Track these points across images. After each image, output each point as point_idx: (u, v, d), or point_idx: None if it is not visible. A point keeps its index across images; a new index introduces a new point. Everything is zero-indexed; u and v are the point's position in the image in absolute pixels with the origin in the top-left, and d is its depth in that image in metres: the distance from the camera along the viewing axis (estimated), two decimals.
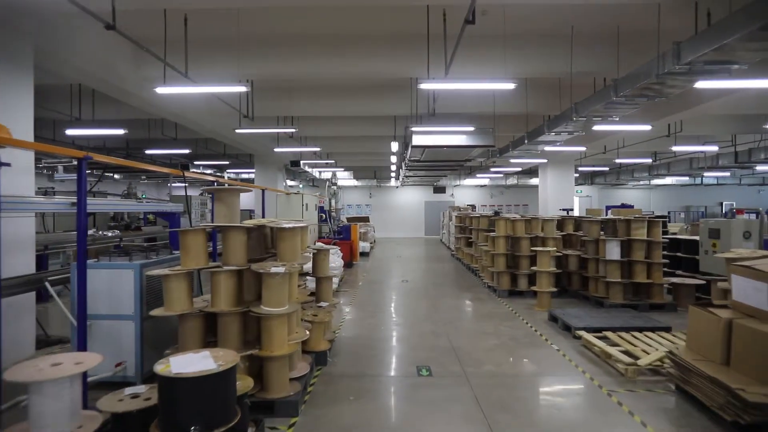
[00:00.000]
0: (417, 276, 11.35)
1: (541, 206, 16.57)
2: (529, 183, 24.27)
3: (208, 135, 12.01)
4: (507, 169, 19.14)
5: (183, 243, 3.73)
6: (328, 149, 15.43)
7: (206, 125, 10.17)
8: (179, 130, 12.26)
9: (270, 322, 3.64)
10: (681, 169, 16.89)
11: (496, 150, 11.65)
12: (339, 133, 12.72)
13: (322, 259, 5.64)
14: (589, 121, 6.96)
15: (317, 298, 5.57)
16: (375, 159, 19.03)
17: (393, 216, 26.94)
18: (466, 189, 27.40)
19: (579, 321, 5.96)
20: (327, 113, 10.07)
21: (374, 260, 14.88)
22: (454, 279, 10.93)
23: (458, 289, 9.50)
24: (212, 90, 6.00)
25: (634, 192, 27.72)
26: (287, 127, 9.37)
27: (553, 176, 15.57)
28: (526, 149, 10.27)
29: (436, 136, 9.12)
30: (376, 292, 9.20)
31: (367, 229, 19.71)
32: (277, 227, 4.04)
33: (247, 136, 12.44)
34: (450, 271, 12.39)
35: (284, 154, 15.14)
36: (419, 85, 5.87)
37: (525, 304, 7.86)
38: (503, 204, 27.78)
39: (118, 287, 4.02)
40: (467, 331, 6.21)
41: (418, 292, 9.19)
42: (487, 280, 9.50)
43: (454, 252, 15.24)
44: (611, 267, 7.37)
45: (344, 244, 12.77)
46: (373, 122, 12.12)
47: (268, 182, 15.57)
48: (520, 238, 8.57)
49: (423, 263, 14.04)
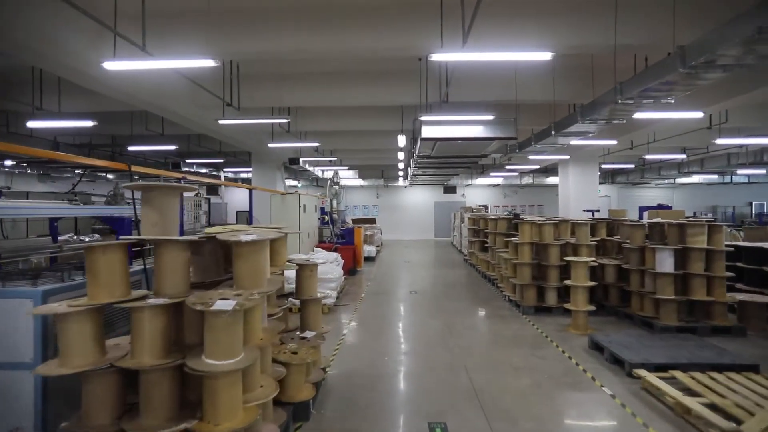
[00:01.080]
0: (427, 285, 10.15)
1: (562, 207, 15.26)
2: (545, 182, 22.91)
3: (197, 130, 10.94)
4: (523, 167, 17.85)
5: (90, 265, 2.59)
6: (331, 146, 14.29)
7: (188, 116, 9.08)
8: (166, 125, 11.21)
9: (214, 382, 2.48)
10: (716, 166, 15.47)
11: (515, 145, 10.41)
12: (341, 127, 11.56)
13: (307, 277, 4.47)
14: (637, 104, 5.70)
15: (301, 326, 4.41)
16: (382, 157, 17.84)
17: (401, 217, 25.73)
18: (478, 189, 26.10)
19: (632, 353, 4.72)
20: (326, 103, 8.92)
21: (380, 266, 13.71)
22: (469, 290, 9.70)
23: (475, 303, 8.28)
24: (172, 65, 4.85)
25: (656, 191, 26.19)
26: (277, 117, 8.21)
27: (576, 174, 14.25)
28: (551, 142, 9.01)
29: (448, 128, 7.92)
30: (381, 307, 8.02)
31: (373, 231, 18.54)
32: (232, 241, 2.88)
33: (238, 130, 11.34)
34: (463, 279, 11.17)
35: (283, 152, 14.03)
36: (431, 56, 4.69)
37: (555, 324, 6.63)
38: (516, 204, 26.43)
39: (11, 324, 2.89)
40: (491, 364, 5.01)
41: (428, 307, 7.99)
42: (508, 292, 8.27)
43: (467, 257, 14.02)
44: (662, 281, 6.10)
45: (346, 249, 11.62)
46: (378, 114, 10.94)
47: (266, 182, 14.49)
48: (548, 245, 7.33)
49: (433, 270, 12.83)
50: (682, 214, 8.03)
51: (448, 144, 8.83)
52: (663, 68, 4.87)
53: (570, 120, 7.53)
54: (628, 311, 6.82)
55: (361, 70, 8.26)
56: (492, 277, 10.08)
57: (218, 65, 5.35)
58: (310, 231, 11.15)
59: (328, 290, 7.44)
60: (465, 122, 7.85)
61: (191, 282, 3.03)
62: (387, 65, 8.07)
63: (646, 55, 6.92)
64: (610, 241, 8.08)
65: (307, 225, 10.79)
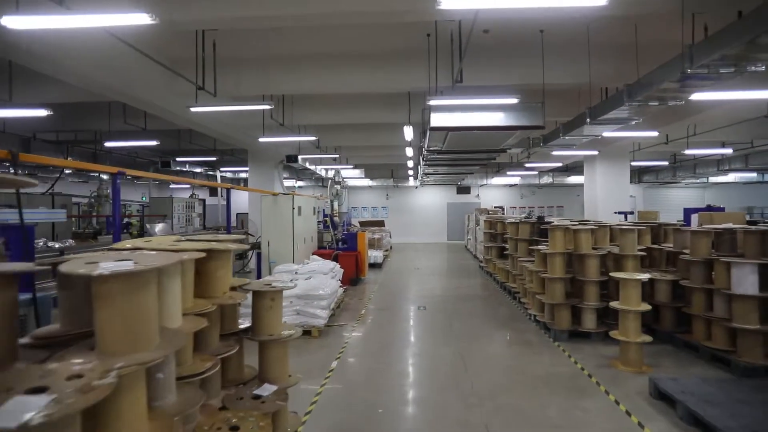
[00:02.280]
0: (438, 299, 8.86)
1: (587, 209, 13.83)
2: (566, 182, 21.41)
3: (181, 124, 9.85)
4: (545, 164, 16.42)
5: None
6: (332, 141, 13.09)
7: (166, 107, 7.96)
8: (149, 120, 10.14)
9: None
10: (761, 162, 13.88)
11: (539, 137, 9.06)
12: (341, 120, 10.38)
13: (267, 309, 3.22)
14: (714, 73, 4.36)
15: (260, 376, 3.17)
16: (390, 155, 16.58)
17: (412, 219, 24.43)
18: (494, 189, 24.66)
19: (725, 415, 3.38)
20: (322, 90, 7.76)
21: (387, 273, 12.46)
22: (486, 305, 8.39)
23: (495, 324, 6.98)
24: (96, 22, 3.66)
25: (686, 191, 24.45)
26: (258, 103, 7.02)
27: (604, 172, 12.84)
28: (584, 133, 7.68)
29: (462, 115, 6.64)
30: (382, 329, 6.78)
31: (381, 234, 17.31)
32: (82, 275, 1.65)
33: (224, 123, 10.19)
34: (480, 291, 9.85)
35: (281, 149, 12.86)
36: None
37: (596, 356, 5.30)
38: (534, 206, 24.95)
39: None
40: (520, 422, 3.72)
41: (439, 329, 6.71)
42: (534, 310, 6.94)
43: (483, 264, 12.68)
44: (742, 305, 4.72)
45: (348, 257, 10.40)
46: (382, 104, 9.72)
47: (263, 182, 13.35)
48: (584, 257, 5.99)
49: (445, 279, 11.52)
50: (742, 218, 6.61)
51: (461, 135, 7.55)
52: (760, 19, 3.54)
53: (612, 103, 6.18)
54: (688, 339, 5.45)
55: (360, 51, 7.04)
56: (513, 290, 8.75)
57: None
58: (307, 236, 9.97)
59: (317, 310, 6.21)
60: (483, 108, 6.56)
61: (46, 335, 1.83)
62: (390, 43, 6.84)
63: (706, 24, 5.55)
64: (657, 251, 6.71)
65: (303, 229, 9.61)
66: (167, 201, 12.43)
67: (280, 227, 8.84)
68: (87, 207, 11.60)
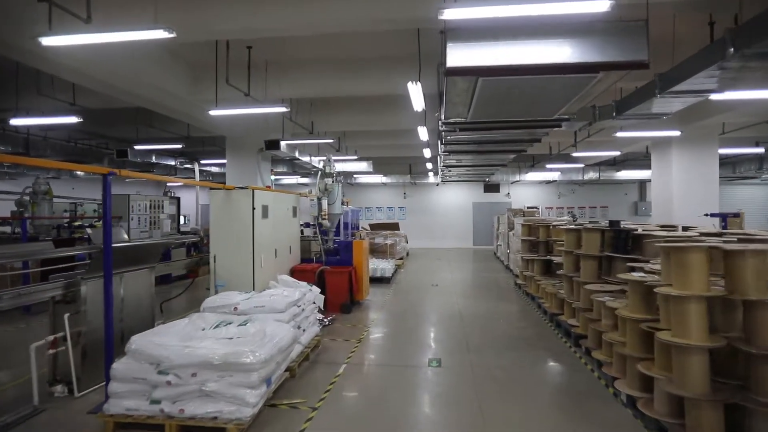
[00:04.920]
0: (459, 344, 6.00)
1: (657, 210, 10.72)
2: (614, 177, 18.07)
3: (125, 99, 7.35)
4: (593, 153, 13.27)
5: None
6: (329, 125, 10.42)
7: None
8: (78, 94, 7.71)
9: None
10: None
11: (610, 105, 6.11)
12: (330, 91, 7.75)
13: None
14: None
15: None
16: (401, 144, 13.75)
17: (433, 221, 21.50)
18: (526, 187, 21.49)
19: None
20: (297, 28, 5.13)
21: (396, 293, 9.67)
22: (535, 359, 5.48)
23: (556, 407, 4.12)
24: None
25: (752, 189, 20.53)
26: (152, 27, 4.37)
27: (685, 160, 9.71)
28: (697, 86, 4.72)
29: (503, 48, 3.82)
30: (366, 416, 4.03)
31: (394, 240, 14.54)
32: None
33: (171, 91, 7.62)
34: (519, 325, 6.94)
35: (260, 133, 10.23)
36: None
37: None
38: (574, 206, 21.70)
39: None
40: None
41: (458, 420, 3.90)
42: (628, 385, 4.01)
43: (521, 282, 9.74)
44: None
45: (338, 274, 7.70)
46: (383, 66, 7.01)
47: (243, 177, 10.78)
48: (755, 305, 3.09)
49: (471, 304, 8.63)
50: None
51: (496, 93, 4.70)
52: None
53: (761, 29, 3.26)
54: None
55: None
56: (572, 329, 5.84)
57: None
58: (282, 246, 7.31)
59: (243, 390, 3.48)
60: (539, 33, 3.74)
61: None
62: None
63: None
64: None
65: (273, 237, 6.97)
66: (124, 199, 10.03)
67: (235, 235, 6.21)
68: (18, 207, 9.31)
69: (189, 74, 7.68)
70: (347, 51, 7.18)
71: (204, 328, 4.09)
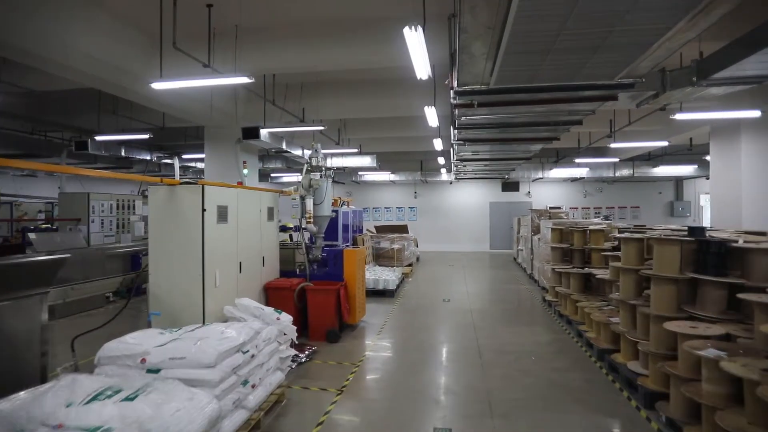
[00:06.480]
0: (479, 394, 4.35)
1: (716, 212, 8.87)
2: (650, 174, 16.14)
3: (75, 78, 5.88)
4: (638, 143, 11.39)
5: None
6: (326, 113, 8.85)
7: None
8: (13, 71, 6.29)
9: None
10: None
11: (690, 67, 4.39)
12: (324, 61, 6.18)
13: None
14: None
15: None
16: (407, 136, 12.17)
17: (446, 222, 19.80)
18: (548, 185, 19.68)
19: None
20: None
21: (401, 311, 8.03)
22: (581, 413, 3.80)
23: None
24: None
25: None
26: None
27: (753, 151, 7.86)
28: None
29: None
30: None
31: (402, 244, 12.91)
32: None
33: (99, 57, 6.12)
34: (555, 362, 5.20)
35: (236, 119, 8.68)
36: None
37: None
38: (601, 206, 19.82)
39: None
40: None
41: None
42: None
43: (551, 299, 8.01)
44: None
45: (323, 293, 6.11)
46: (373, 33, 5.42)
47: (226, 171, 9.28)
48: None
49: (491, 327, 6.95)
50: None
51: (546, 14, 3.04)
52: None
53: None
54: None
55: None
56: (636, 378, 4.14)
57: None
58: (250, 258, 5.74)
59: None
60: None
61: None
62: None
63: None
64: None
65: (240, 246, 5.42)
66: (82, 198, 8.63)
67: (178, 246, 4.67)
68: None
69: (146, 47, 6.19)
70: (340, 10, 5.61)
71: (71, 403, 2.56)
